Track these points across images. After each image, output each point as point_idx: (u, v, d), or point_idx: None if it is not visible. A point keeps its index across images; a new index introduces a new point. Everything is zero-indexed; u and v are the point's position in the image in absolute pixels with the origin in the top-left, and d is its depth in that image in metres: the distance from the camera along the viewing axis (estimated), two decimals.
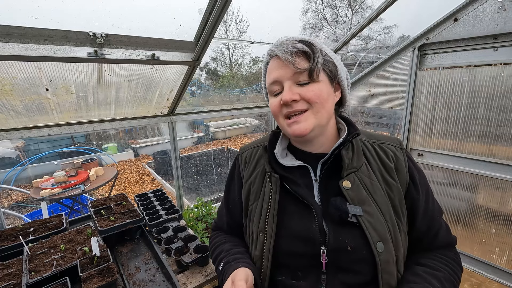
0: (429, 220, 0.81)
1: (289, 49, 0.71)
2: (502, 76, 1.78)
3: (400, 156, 0.81)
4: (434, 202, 0.84)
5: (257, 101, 2.77)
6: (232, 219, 0.99)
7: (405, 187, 0.79)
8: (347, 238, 0.72)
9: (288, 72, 0.73)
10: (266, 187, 0.84)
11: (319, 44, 0.76)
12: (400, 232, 0.76)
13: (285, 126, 0.78)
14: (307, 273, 0.76)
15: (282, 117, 0.78)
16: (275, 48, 0.75)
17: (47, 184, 3.48)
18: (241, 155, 0.98)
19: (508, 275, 1.94)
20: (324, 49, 0.76)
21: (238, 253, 0.87)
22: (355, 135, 0.79)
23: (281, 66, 0.74)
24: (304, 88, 0.73)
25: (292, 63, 0.71)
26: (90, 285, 1.11)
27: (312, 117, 0.74)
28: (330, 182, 0.79)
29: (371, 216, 0.73)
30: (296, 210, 0.79)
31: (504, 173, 1.85)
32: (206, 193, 5.81)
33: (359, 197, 0.74)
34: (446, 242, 0.84)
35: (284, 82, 0.74)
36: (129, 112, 1.91)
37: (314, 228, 0.74)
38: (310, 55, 0.71)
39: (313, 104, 0.73)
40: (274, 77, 0.76)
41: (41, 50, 1.18)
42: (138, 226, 1.64)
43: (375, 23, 10.15)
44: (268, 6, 10.05)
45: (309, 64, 0.71)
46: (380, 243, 0.70)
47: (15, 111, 1.47)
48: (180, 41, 1.50)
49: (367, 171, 0.79)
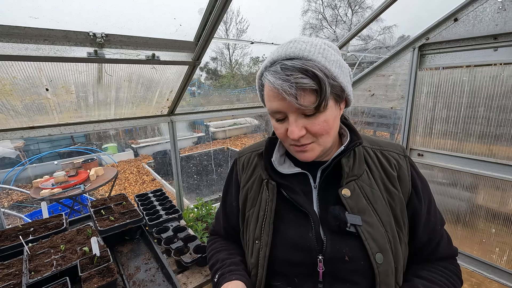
0: (431, 231, 0.79)
1: (293, 88, 0.60)
2: (502, 76, 1.78)
3: (403, 164, 0.79)
4: (437, 212, 0.81)
5: (257, 101, 2.77)
6: (228, 224, 0.97)
7: (407, 196, 0.76)
8: (345, 248, 0.70)
9: (292, 107, 0.64)
10: (263, 194, 0.81)
11: (324, 64, 0.63)
12: (401, 242, 0.74)
13: (292, 150, 0.76)
14: (304, 281, 0.74)
15: (288, 143, 0.75)
16: (272, 79, 0.63)
17: (47, 184, 3.48)
18: (239, 159, 0.96)
19: (508, 275, 1.94)
20: (329, 70, 0.63)
21: (233, 264, 0.85)
22: (357, 144, 0.76)
23: (283, 99, 0.63)
24: (310, 121, 0.67)
25: (296, 103, 0.62)
26: (90, 285, 1.11)
27: (318, 147, 0.72)
28: (330, 189, 0.77)
29: (370, 226, 0.70)
30: (293, 218, 0.77)
31: (504, 173, 1.85)
32: (206, 193, 5.81)
33: (359, 206, 0.72)
34: (447, 253, 0.82)
35: (288, 114, 0.67)
36: (129, 112, 1.91)
37: (311, 236, 0.72)
38: (318, 91, 0.62)
39: (319, 136, 0.69)
40: (277, 108, 0.67)
41: (41, 50, 1.18)
42: (138, 226, 1.64)
43: (375, 23, 10.14)
44: (268, 6, 10.04)
45: (315, 99, 0.62)
46: (379, 254, 0.68)
47: (15, 111, 1.47)
48: (180, 41, 1.50)
49: (368, 179, 0.76)
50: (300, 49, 0.64)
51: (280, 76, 0.62)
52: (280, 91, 0.62)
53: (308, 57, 0.63)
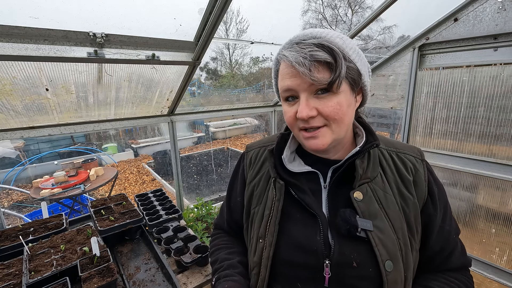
0: (444, 240, 0.75)
1: (307, 59, 0.60)
2: (502, 76, 1.78)
3: (420, 168, 0.75)
4: (452, 221, 0.77)
5: (257, 101, 2.77)
6: (232, 219, 0.97)
7: (422, 202, 0.73)
8: (354, 253, 0.67)
9: (305, 83, 0.63)
10: (270, 192, 0.79)
11: (341, 46, 0.63)
12: (412, 250, 0.71)
13: (301, 138, 0.72)
14: (307, 285, 0.71)
15: (297, 129, 0.71)
16: (288, 53, 0.63)
17: (47, 184, 3.48)
18: (247, 154, 0.93)
19: (508, 275, 1.94)
20: (347, 52, 0.64)
21: (230, 266, 0.83)
22: (373, 146, 0.72)
23: (296, 74, 0.64)
24: (322, 102, 0.64)
25: (309, 76, 0.61)
26: (90, 285, 1.11)
27: (330, 133, 0.68)
28: (340, 190, 0.73)
29: (382, 232, 0.67)
30: (300, 219, 0.74)
31: (504, 173, 1.85)
32: (206, 193, 5.81)
33: (371, 210, 0.69)
34: (459, 264, 0.78)
35: (300, 93, 0.66)
36: (129, 112, 1.91)
37: (319, 239, 0.69)
38: (333, 65, 0.61)
39: (332, 120, 0.66)
40: (288, 86, 0.66)
41: (41, 50, 1.18)
42: (138, 226, 1.64)
43: (375, 23, 10.13)
44: (268, 6, 10.04)
45: (330, 75, 0.61)
46: (389, 262, 0.65)
47: (15, 111, 1.47)
48: (180, 41, 1.50)
49: (381, 182, 0.72)
50: (319, 31, 0.65)
51: (296, 50, 0.62)
52: (293, 63, 0.61)
53: (326, 38, 0.63)
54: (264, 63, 8.16)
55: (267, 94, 2.96)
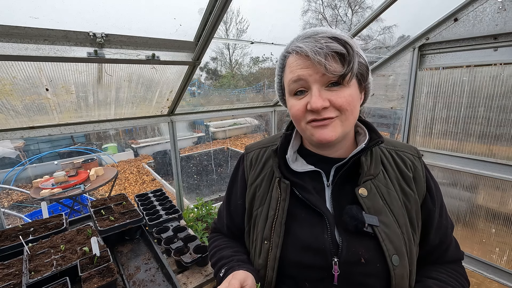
0: (442, 234, 0.78)
1: (324, 49, 0.61)
2: (502, 76, 1.78)
3: (418, 165, 0.78)
4: (447, 216, 0.81)
5: (257, 101, 2.77)
6: (232, 223, 0.94)
7: (422, 198, 0.75)
8: (361, 249, 0.67)
9: (317, 73, 0.63)
10: (274, 192, 0.78)
11: (354, 43, 0.65)
12: (414, 244, 0.73)
13: (308, 130, 0.70)
14: (316, 284, 0.71)
15: (305, 122, 0.69)
16: (302, 44, 0.63)
17: (47, 184, 3.48)
18: (247, 155, 0.91)
19: (508, 275, 1.94)
20: (358, 49, 0.67)
21: (240, 260, 0.83)
22: (378, 142, 0.73)
23: (308, 65, 0.64)
24: (334, 93, 0.64)
25: (325, 67, 0.61)
26: (90, 285, 1.11)
27: (340, 124, 0.67)
28: (344, 188, 0.74)
29: (387, 227, 0.68)
30: (306, 218, 0.74)
31: (504, 173, 1.85)
32: (206, 193, 5.81)
33: (376, 206, 0.70)
34: (455, 257, 0.82)
35: (311, 84, 0.65)
36: (129, 112, 1.91)
37: (326, 238, 0.69)
38: (346, 58, 0.62)
39: (344, 111, 0.65)
40: (299, 75, 0.65)
41: (41, 50, 1.18)
42: (138, 226, 1.64)
43: (375, 23, 10.13)
44: (268, 6, 10.03)
45: (343, 68, 0.62)
46: (395, 256, 0.66)
47: (15, 111, 1.48)
48: (180, 41, 1.50)
49: (384, 179, 0.74)
50: (327, 28, 0.67)
51: (311, 41, 0.63)
52: (309, 52, 0.62)
53: (337, 33, 0.65)
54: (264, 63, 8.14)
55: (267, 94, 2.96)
